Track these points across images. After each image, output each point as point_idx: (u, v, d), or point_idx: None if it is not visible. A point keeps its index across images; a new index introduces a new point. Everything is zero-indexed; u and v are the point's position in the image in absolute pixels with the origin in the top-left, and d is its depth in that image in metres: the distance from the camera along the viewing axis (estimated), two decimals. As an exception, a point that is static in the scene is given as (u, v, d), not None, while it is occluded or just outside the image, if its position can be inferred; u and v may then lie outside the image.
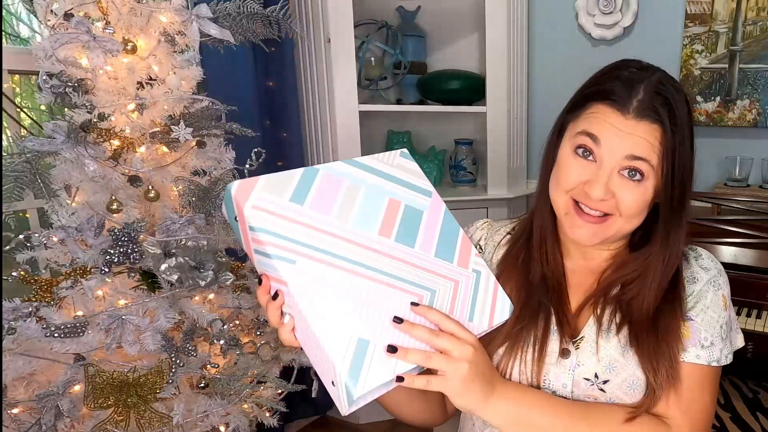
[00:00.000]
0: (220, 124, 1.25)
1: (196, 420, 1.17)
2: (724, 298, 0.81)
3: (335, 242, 0.63)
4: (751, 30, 1.92)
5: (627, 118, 0.74)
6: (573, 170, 0.76)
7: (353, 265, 0.63)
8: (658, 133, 0.74)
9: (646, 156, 0.73)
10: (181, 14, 1.16)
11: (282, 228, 0.60)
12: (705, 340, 0.78)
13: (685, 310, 0.79)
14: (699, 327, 0.78)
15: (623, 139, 0.73)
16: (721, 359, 0.79)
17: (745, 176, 1.95)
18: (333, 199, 0.66)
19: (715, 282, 0.81)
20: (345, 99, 1.93)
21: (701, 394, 0.78)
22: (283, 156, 2.04)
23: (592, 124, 0.75)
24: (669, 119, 0.74)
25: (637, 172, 0.74)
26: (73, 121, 1.06)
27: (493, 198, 2.21)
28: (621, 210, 0.75)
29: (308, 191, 0.65)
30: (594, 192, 0.74)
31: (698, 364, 0.77)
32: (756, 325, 1.52)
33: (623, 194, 0.74)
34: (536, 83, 2.32)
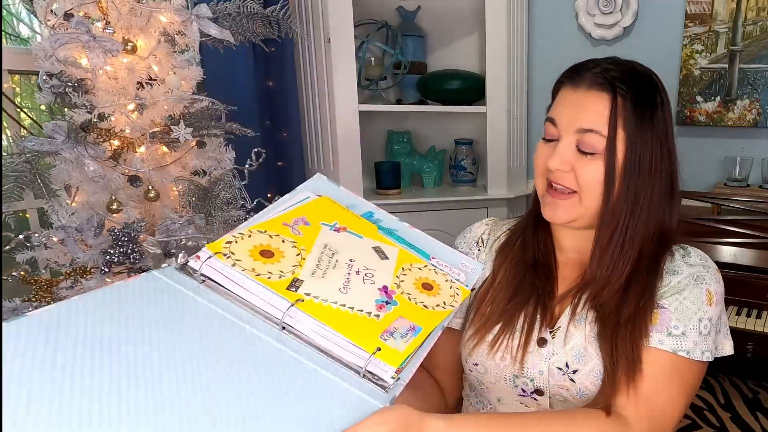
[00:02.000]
0: (220, 124, 1.25)
1: (196, 420, 1.17)
2: (708, 293, 0.79)
3: None
4: (751, 30, 1.92)
5: (577, 91, 0.78)
6: (541, 154, 0.81)
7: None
8: (606, 101, 0.75)
9: (594, 126, 0.75)
10: (181, 14, 1.16)
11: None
12: (675, 329, 0.76)
13: (656, 299, 0.78)
14: (670, 315, 0.76)
15: (573, 113, 0.77)
16: (693, 352, 0.75)
17: (745, 176, 1.95)
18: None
19: (699, 276, 0.80)
20: (345, 99, 1.93)
21: (665, 385, 0.74)
22: (283, 156, 2.04)
23: (553, 109, 0.81)
24: (622, 90, 0.75)
25: (588, 149, 0.76)
26: (73, 121, 1.06)
27: (493, 198, 2.21)
28: (581, 184, 0.77)
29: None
30: (550, 164, 0.78)
31: (661, 349, 0.75)
32: (756, 325, 1.52)
33: (580, 169, 0.77)
34: (536, 83, 2.32)
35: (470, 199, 2.19)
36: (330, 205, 0.82)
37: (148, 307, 0.61)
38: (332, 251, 0.74)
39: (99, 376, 0.52)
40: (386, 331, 0.66)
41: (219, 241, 0.69)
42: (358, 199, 0.86)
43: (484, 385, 0.84)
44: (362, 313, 0.67)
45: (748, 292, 1.53)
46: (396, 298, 0.71)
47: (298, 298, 0.66)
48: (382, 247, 0.78)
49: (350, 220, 0.80)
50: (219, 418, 0.52)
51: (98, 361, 0.53)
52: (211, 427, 0.51)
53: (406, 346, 0.66)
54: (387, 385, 0.63)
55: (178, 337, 0.58)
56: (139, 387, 0.52)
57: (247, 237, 0.71)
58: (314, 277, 0.69)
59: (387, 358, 0.64)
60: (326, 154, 2.03)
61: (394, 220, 0.85)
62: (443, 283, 0.77)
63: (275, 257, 0.70)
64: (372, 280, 0.72)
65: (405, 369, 0.66)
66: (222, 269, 0.66)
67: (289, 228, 0.75)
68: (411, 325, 0.68)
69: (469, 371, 0.85)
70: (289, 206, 0.79)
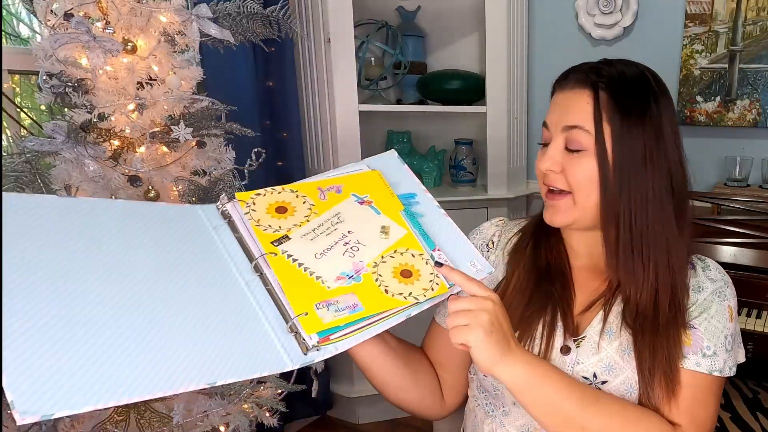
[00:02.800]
0: (220, 124, 1.25)
1: (196, 420, 1.17)
2: (729, 309, 0.80)
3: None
4: (751, 30, 1.92)
5: (564, 91, 0.79)
6: (539, 159, 0.82)
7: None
8: (588, 98, 0.76)
9: (578, 123, 0.76)
10: (181, 14, 1.15)
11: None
12: (707, 349, 0.77)
13: (687, 319, 0.78)
14: (701, 336, 0.77)
15: (560, 113, 0.78)
16: (724, 370, 0.78)
17: (745, 176, 1.95)
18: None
19: (721, 293, 0.80)
20: (345, 99, 1.93)
21: (705, 403, 0.77)
22: (283, 156, 2.04)
23: (547, 115, 0.82)
24: (603, 85, 0.75)
25: (575, 142, 0.76)
26: (73, 121, 1.06)
27: (493, 198, 2.21)
28: (572, 184, 0.77)
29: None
30: (540, 166, 0.79)
31: (698, 372, 0.77)
32: (756, 325, 1.52)
33: (569, 168, 0.77)
34: (536, 83, 2.32)
35: (470, 199, 2.19)
36: (373, 180, 0.86)
37: (169, 228, 0.74)
38: (338, 220, 0.80)
39: (95, 269, 0.64)
40: (326, 301, 0.72)
41: (250, 192, 0.81)
42: (411, 179, 0.89)
43: (499, 390, 0.83)
44: (318, 279, 0.74)
45: (748, 292, 1.53)
46: (363, 276, 0.76)
47: (273, 251, 0.75)
48: (390, 227, 0.81)
49: (380, 196, 0.84)
50: (164, 320, 0.64)
51: (101, 255, 0.66)
52: (152, 322, 0.63)
53: (334, 319, 0.71)
54: (309, 347, 0.70)
55: (175, 257, 0.71)
56: (116, 294, 0.63)
57: (276, 193, 0.82)
58: (303, 238, 0.77)
59: (307, 324, 0.70)
60: (326, 154, 2.03)
61: (432, 206, 0.87)
62: (426, 274, 0.78)
63: (286, 213, 0.79)
64: (352, 253, 0.77)
65: (339, 341, 0.71)
66: (238, 213, 0.78)
67: (319, 192, 0.83)
68: (354, 303, 0.73)
69: (484, 376, 0.84)
70: (337, 173, 0.86)
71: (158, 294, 0.66)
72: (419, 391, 0.88)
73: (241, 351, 0.67)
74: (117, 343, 0.59)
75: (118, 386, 0.57)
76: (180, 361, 0.62)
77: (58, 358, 0.55)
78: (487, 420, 0.86)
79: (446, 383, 0.92)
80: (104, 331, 0.59)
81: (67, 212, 0.67)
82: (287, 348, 0.70)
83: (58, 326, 0.57)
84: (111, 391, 0.56)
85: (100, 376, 0.56)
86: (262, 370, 0.67)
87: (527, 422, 0.82)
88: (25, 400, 0.51)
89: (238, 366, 0.65)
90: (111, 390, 0.56)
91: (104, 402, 0.55)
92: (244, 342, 0.68)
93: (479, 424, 0.88)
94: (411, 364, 0.87)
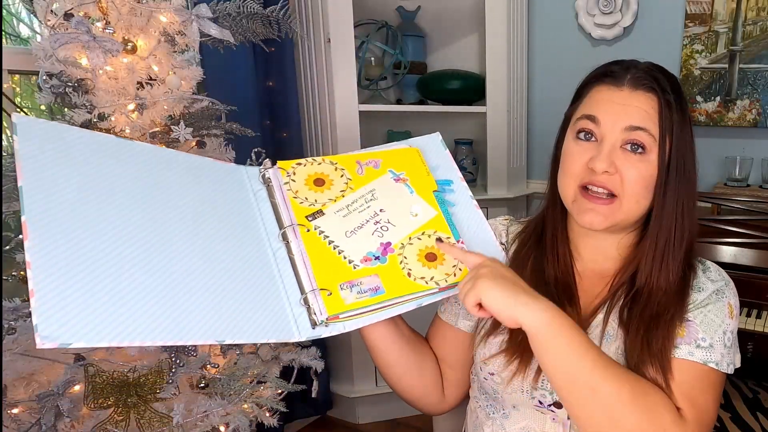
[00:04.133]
0: (220, 124, 1.25)
1: (196, 420, 1.17)
2: (729, 306, 0.79)
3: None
4: (751, 30, 1.92)
5: (622, 90, 0.76)
6: (577, 154, 0.78)
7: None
8: (654, 102, 0.75)
9: (644, 125, 0.74)
10: (181, 14, 1.15)
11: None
12: (702, 341, 0.76)
13: (684, 314, 0.78)
14: (696, 328, 0.76)
15: (620, 112, 0.75)
16: (721, 363, 0.76)
17: (745, 176, 1.95)
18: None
19: (720, 291, 0.80)
20: (345, 99, 1.93)
21: (702, 392, 0.75)
22: (283, 156, 2.03)
23: (591, 106, 0.78)
24: (664, 89, 0.75)
25: (638, 145, 0.75)
26: (73, 121, 1.06)
27: (493, 198, 2.21)
28: (625, 187, 0.75)
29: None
30: (597, 165, 0.74)
31: (692, 360, 0.75)
32: (756, 325, 1.52)
33: (627, 170, 0.75)
34: (536, 83, 2.32)
35: (470, 199, 2.19)
36: (412, 157, 0.88)
37: (213, 184, 0.76)
38: (372, 197, 0.82)
39: (133, 211, 0.66)
40: (350, 282, 0.74)
41: (291, 161, 0.84)
42: (451, 166, 0.91)
43: (499, 393, 0.83)
44: (345, 258, 0.76)
45: (748, 292, 1.53)
46: (389, 257, 0.77)
47: (307, 226, 0.77)
48: (422, 206, 0.83)
49: (416, 175, 0.86)
50: (188, 271, 0.66)
51: (137, 189, 0.68)
52: (176, 272, 0.65)
53: (355, 301, 0.73)
54: (317, 322, 0.71)
55: (212, 213, 0.73)
56: (149, 240, 0.65)
57: (317, 164, 0.84)
58: (337, 214, 0.79)
59: (329, 302, 0.72)
60: (326, 154, 2.02)
61: (467, 197, 0.88)
62: (451, 259, 0.79)
63: (323, 186, 0.82)
64: (382, 233, 0.79)
65: (347, 321, 0.73)
66: (278, 182, 0.81)
67: (357, 166, 0.85)
68: (377, 285, 0.75)
69: (484, 379, 0.84)
70: (378, 148, 0.89)
71: (188, 246, 0.68)
72: (423, 380, 0.89)
73: (254, 315, 0.69)
74: (140, 287, 0.61)
75: (134, 329, 0.59)
76: (195, 314, 0.64)
77: (83, 293, 0.57)
78: (488, 422, 0.86)
79: (448, 379, 0.93)
80: (131, 273, 0.62)
81: (117, 154, 0.69)
82: (297, 319, 0.72)
83: (89, 262, 0.60)
84: (126, 333, 0.58)
85: (119, 316, 0.58)
86: (271, 336, 0.69)
87: (527, 425, 0.82)
88: (48, 326, 0.53)
89: (248, 328, 0.67)
90: (126, 331, 0.58)
91: (118, 341, 0.57)
92: (259, 306, 0.69)
93: (480, 425, 0.88)
94: (418, 352, 0.88)
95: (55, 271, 0.56)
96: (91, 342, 0.55)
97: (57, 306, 0.55)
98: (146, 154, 0.72)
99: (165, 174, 0.72)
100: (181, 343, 0.62)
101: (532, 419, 0.82)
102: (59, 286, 0.56)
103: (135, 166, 0.70)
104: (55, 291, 0.56)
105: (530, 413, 0.82)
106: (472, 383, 0.92)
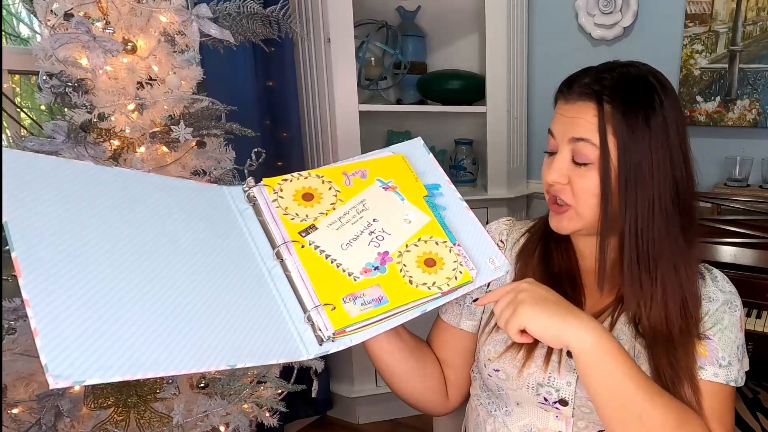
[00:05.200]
0: (220, 124, 1.25)
1: (196, 420, 1.17)
2: (740, 320, 0.81)
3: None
4: (751, 30, 1.92)
5: (568, 102, 0.77)
6: (544, 169, 0.81)
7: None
8: (593, 110, 0.74)
9: (586, 136, 0.74)
10: (181, 14, 1.15)
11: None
12: (723, 360, 0.77)
13: (702, 330, 0.78)
14: (716, 346, 0.78)
15: (566, 123, 0.77)
16: (738, 380, 0.79)
17: (745, 176, 1.95)
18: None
19: (732, 303, 0.81)
20: (345, 99, 1.93)
21: (728, 412, 0.78)
22: (283, 156, 2.04)
23: (552, 122, 0.80)
24: (607, 97, 0.73)
25: (582, 155, 0.75)
26: (73, 121, 1.06)
27: (493, 198, 2.21)
28: (576, 197, 0.77)
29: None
30: (547, 178, 0.78)
31: (717, 382, 0.77)
32: (756, 325, 1.52)
33: (576, 181, 0.76)
34: (536, 83, 2.32)
35: (470, 199, 2.16)
36: (398, 164, 0.87)
37: (197, 208, 0.74)
38: (364, 207, 0.80)
39: (125, 242, 0.64)
40: (353, 294, 0.73)
41: (278, 177, 0.81)
42: (437, 170, 0.90)
43: (503, 390, 0.83)
44: (344, 271, 0.75)
45: (748, 292, 1.53)
46: (388, 266, 0.76)
47: (301, 243, 0.76)
48: (414, 213, 0.82)
49: (405, 182, 0.85)
50: (191, 301, 0.65)
51: (126, 218, 0.67)
52: (179, 302, 0.64)
53: (360, 313, 0.72)
54: (323, 338, 0.70)
55: (198, 233, 0.72)
56: (145, 268, 0.64)
57: (303, 178, 0.82)
58: (330, 227, 0.78)
59: (334, 317, 0.71)
60: (326, 154, 2.03)
61: (456, 199, 0.88)
62: (450, 262, 0.79)
63: (313, 201, 0.80)
64: (378, 243, 0.78)
65: (354, 334, 0.72)
66: (265, 199, 0.79)
67: (344, 177, 0.83)
68: (380, 295, 0.74)
69: (488, 376, 0.84)
70: (362, 158, 0.87)
71: (184, 273, 0.67)
72: (426, 384, 0.89)
73: (261, 337, 0.68)
74: (145, 318, 0.60)
75: (144, 361, 0.58)
76: (204, 342, 0.63)
77: (89, 327, 0.56)
78: (489, 419, 0.86)
79: (450, 380, 0.93)
80: (133, 304, 0.60)
81: (98, 180, 0.67)
82: (303, 337, 0.71)
83: (89, 294, 0.58)
84: (138, 365, 0.57)
85: (127, 349, 0.57)
86: (279, 356, 0.68)
87: (529, 422, 0.82)
88: (58, 365, 0.52)
89: (257, 351, 0.66)
90: (137, 364, 0.57)
91: (131, 374, 0.56)
92: (263, 328, 0.69)
93: (481, 423, 0.88)
94: (420, 356, 0.88)
95: (57, 307, 0.55)
96: (105, 377, 0.54)
97: (64, 343, 0.53)
98: (125, 179, 0.70)
99: (148, 199, 0.70)
100: (195, 371, 0.61)
101: (535, 416, 0.82)
102: (63, 322, 0.54)
103: (119, 193, 0.68)
104: (60, 328, 0.54)
105: (534, 410, 0.82)
106: (473, 381, 0.92)
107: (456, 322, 0.90)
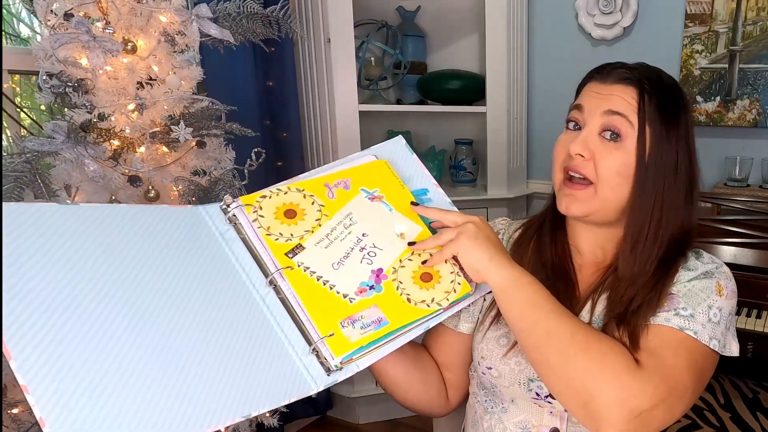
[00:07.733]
0: (220, 124, 1.25)
1: (196, 420, 1.17)
2: (718, 286, 0.78)
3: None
4: (751, 30, 1.92)
5: (606, 83, 0.78)
6: (563, 142, 0.81)
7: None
8: (634, 93, 0.76)
9: (623, 111, 0.76)
10: (181, 14, 1.15)
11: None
12: (683, 310, 0.74)
13: (667, 290, 0.77)
14: (678, 299, 0.75)
15: (601, 99, 0.77)
16: (701, 334, 0.72)
17: (745, 176, 1.95)
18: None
19: (709, 272, 0.79)
20: (345, 99, 1.93)
21: (672, 353, 0.71)
22: (283, 156, 2.04)
23: (579, 99, 0.81)
24: (647, 86, 0.76)
25: (614, 132, 0.76)
26: (73, 121, 1.06)
27: (493, 198, 2.21)
28: (599, 173, 0.76)
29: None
30: (572, 148, 0.77)
31: (666, 325, 0.73)
32: (756, 325, 1.52)
33: (601, 157, 0.76)
34: (536, 83, 2.32)
35: (470, 199, 2.19)
36: (381, 171, 0.82)
37: (177, 238, 0.69)
38: (351, 222, 0.76)
39: (108, 283, 0.60)
40: (350, 318, 0.70)
41: (255, 194, 0.75)
42: (422, 173, 0.86)
43: (497, 387, 0.84)
44: (339, 294, 0.71)
45: (748, 292, 1.53)
46: (384, 284, 0.73)
47: (289, 265, 0.71)
48: (405, 224, 0.78)
49: (391, 190, 0.81)
50: (191, 354, 0.61)
51: (111, 268, 0.62)
52: (178, 358, 0.60)
53: (361, 337, 0.69)
54: (331, 368, 0.68)
55: (185, 268, 0.67)
56: (133, 302, 0.60)
57: (282, 194, 0.76)
58: (318, 246, 0.73)
59: (334, 345, 0.68)
60: (326, 154, 2.03)
61: (445, 203, 0.84)
62: (447, 275, 0.76)
63: (296, 218, 0.75)
64: (371, 260, 0.74)
65: (360, 359, 0.70)
66: (247, 220, 0.73)
67: (326, 190, 0.78)
68: (379, 317, 0.71)
69: (482, 373, 0.85)
70: (343, 166, 0.82)
71: (181, 323, 0.63)
72: (427, 390, 0.89)
73: (269, 379, 0.64)
74: (147, 383, 0.57)
75: (153, 425, 0.55)
76: (212, 399, 0.60)
77: (93, 396, 0.53)
78: (486, 416, 0.87)
79: (449, 382, 0.93)
80: (132, 370, 0.57)
81: (71, 223, 0.62)
82: (310, 369, 0.68)
83: (89, 362, 0.55)
84: (148, 428, 0.55)
85: (135, 413, 0.55)
86: (291, 395, 0.65)
87: (525, 419, 0.83)
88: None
89: (267, 394, 0.63)
90: (148, 427, 0.55)
91: None
92: (270, 369, 0.65)
93: (479, 420, 0.89)
94: (420, 367, 0.88)
95: (55, 384, 0.52)
96: None
97: (65, 414, 0.52)
98: (97, 214, 0.64)
99: (129, 240, 0.65)
100: (210, 430, 0.58)
101: (529, 412, 0.82)
102: (64, 394, 0.52)
103: (96, 239, 0.62)
104: (62, 405, 0.52)
105: (528, 406, 0.82)
106: (471, 380, 0.93)
107: (455, 325, 0.91)
